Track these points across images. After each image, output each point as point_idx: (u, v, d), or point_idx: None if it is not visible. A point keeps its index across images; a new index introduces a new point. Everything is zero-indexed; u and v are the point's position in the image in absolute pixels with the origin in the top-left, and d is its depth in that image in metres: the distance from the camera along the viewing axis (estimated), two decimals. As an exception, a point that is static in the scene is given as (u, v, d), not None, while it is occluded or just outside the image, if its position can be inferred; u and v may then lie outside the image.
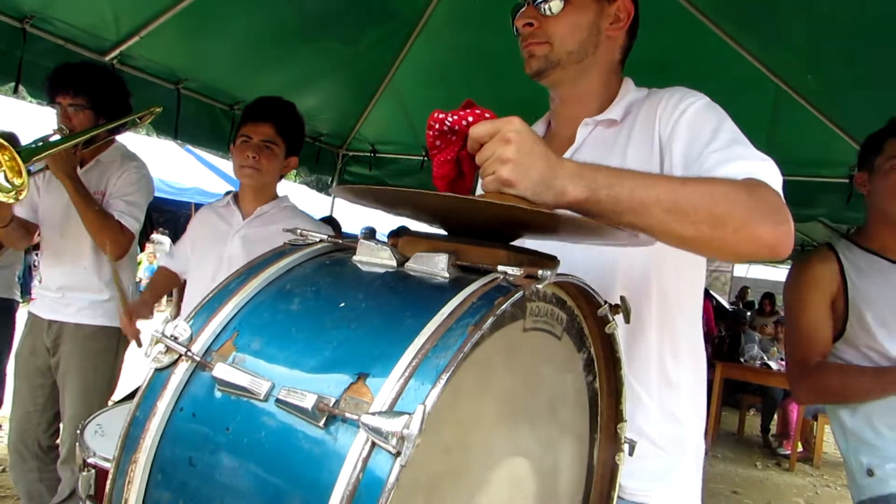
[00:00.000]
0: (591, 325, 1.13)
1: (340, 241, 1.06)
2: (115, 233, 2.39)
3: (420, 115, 5.37)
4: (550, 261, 1.07)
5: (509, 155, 0.99)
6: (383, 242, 1.00)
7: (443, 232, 1.08)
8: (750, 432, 8.65)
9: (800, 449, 7.45)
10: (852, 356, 2.04)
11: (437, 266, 0.93)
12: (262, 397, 0.81)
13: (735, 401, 8.99)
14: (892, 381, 1.90)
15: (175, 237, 11.90)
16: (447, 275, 0.92)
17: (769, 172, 1.15)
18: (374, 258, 0.99)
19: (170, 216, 12.73)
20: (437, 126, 1.13)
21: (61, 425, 2.60)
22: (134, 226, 2.48)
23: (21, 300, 3.96)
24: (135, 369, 2.65)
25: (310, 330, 0.88)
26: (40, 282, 2.55)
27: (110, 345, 2.58)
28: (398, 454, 0.70)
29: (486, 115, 1.08)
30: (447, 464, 0.85)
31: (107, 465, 1.60)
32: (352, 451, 0.73)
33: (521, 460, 1.01)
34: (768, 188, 1.13)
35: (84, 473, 1.61)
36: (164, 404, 0.86)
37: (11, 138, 1.97)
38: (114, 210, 2.45)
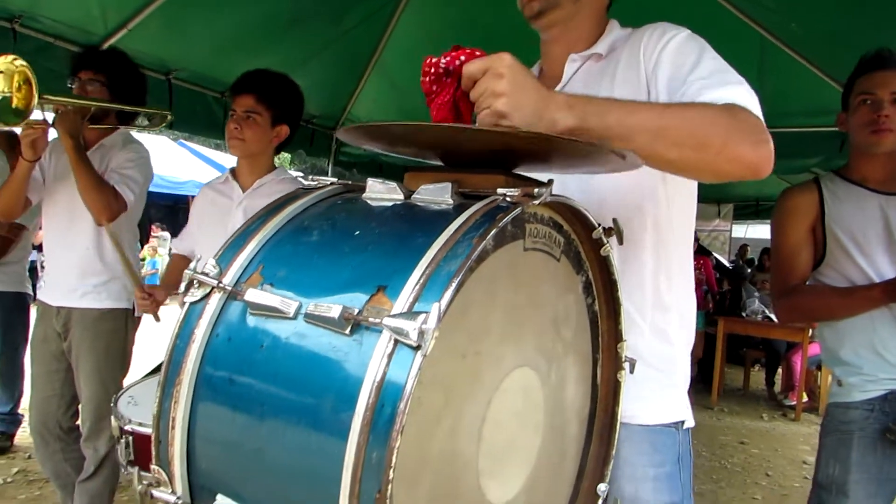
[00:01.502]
0: (587, 250, 1.21)
1: (350, 183, 1.14)
2: (107, 196, 2.40)
3: (409, 92, 5.41)
4: (546, 185, 1.15)
5: (502, 88, 1.06)
6: (390, 180, 1.08)
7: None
8: (755, 387, 8.78)
9: (805, 399, 7.57)
10: (833, 279, 2.17)
11: (441, 194, 1.01)
12: (291, 315, 0.89)
13: (739, 357, 9.10)
14: (860, 298, 2.04)
15: (174, 232, 11.97)
16: (451, 201, 1.00)
17: (748, 97, 1.23)
18: (383, 194, 1.06)
19: (168, 211, 12.81)
20: (431, 70, 1.20)
21: (80, 407, 2.69)
22: (128, 195, 2.49)
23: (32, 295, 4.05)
24: (146, 349, 2.74)
25: (329, 256, 0.96)
26: (44, 269, 2.61)
27: (118, 325, 2.65)
28: (419, 347, 0.78)
29: (477, 53, 1.15)
30: (462, 368, 0.94)
31: (143, 430, 1.67)
32: (377, 350, 0.81)
33: (529, 371, 1.09)
34: (748, 111, 1.20)
35: (122, 441, 1.69)
36: (201, 331, 0.94)
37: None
38: (109, 180, 2.50)
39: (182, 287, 0.99)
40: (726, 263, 10.75)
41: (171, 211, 12.77)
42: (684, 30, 1.41)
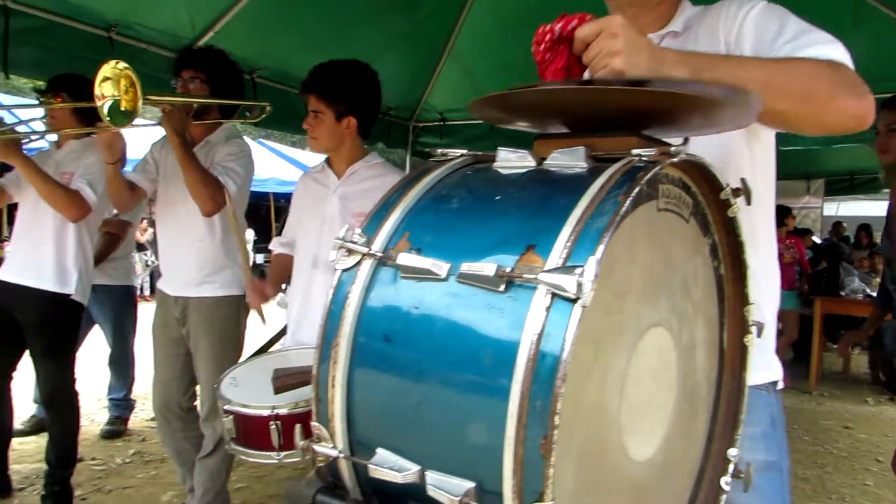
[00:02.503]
0: (713, 212, 1.22)
1: (478, 154, 1.18)
2: (212, 188, 2.52)
3: (485, 79, 5.44)
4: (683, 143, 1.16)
5: (618, 47, 1.09)
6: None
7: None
8: (857, 370, 8.41)
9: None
10: None
11: (575, 159, 1.04)
12: (443, 276, 0.93)
13: (838, 339, 8.71)
14: None
15: (257, 229, 12.36)
16: (585, 165, 1.03)
17: (842, 52, 1.26)
18: (514, 162, 1.10)
19: (250, 209, 13.15)
20: (546, 38, 1.23)
21: (198, 388, 2.83)
22: (231, 187, 2.60)
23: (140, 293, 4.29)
24: (256, 333, 2.86)
25: (473, 221, 1.00)
26: (158, 261, 2.76)
27: (232, 312, 2.78)
28: (577, 299, 0.81)
29: (588, 17, 1.17)
30: (608, 324, 0.96)
31: (244, 410, 1.74)
32: (534, 304, 0.85)
33: (663, 331, 1.11)
34: (846, 66, 1.24)
35: (225, 420, 1.78)
36: (355, 295, 1.00)
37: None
38: (214, 172, 2.61)
39: (332, 255, 1.04)
40: (819, 241, 10.33)
41: (252, 209, 13.14)
42: (760, 0, 1.40)
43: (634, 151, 1.00)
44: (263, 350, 2.16)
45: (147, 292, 11.23)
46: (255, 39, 4.49)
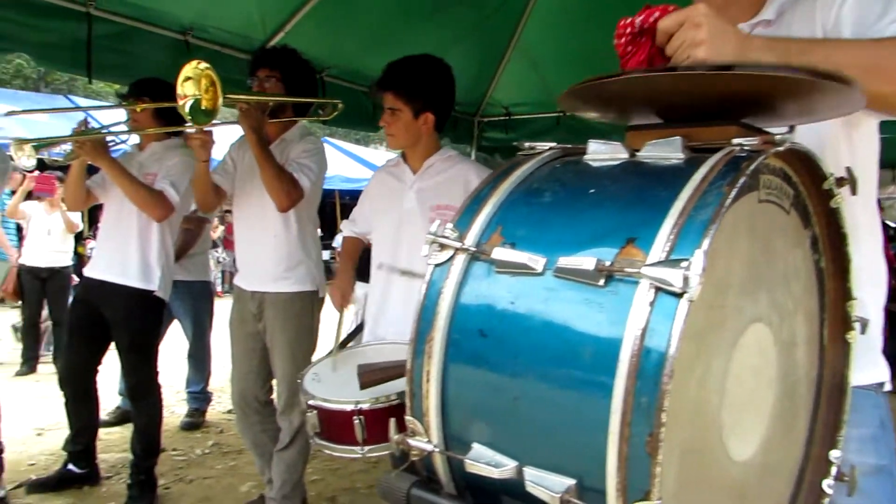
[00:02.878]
0: (814, 203, 1.17)
1: (569, 147, 1.16)
2: (287, 185, 2.57)
3: (552, 72, 5.38)
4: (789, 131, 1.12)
5: (702, 37, 1.06)
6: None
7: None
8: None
9: None
10: None
11: (670, 150, 1.01)
12: (539, 270, 0.92)
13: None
14: None
15: (323, 226, 12.54)
16: (682, 155, 1.00)
17: None
18: (606, 154, 1.08)
19: (315, 205, 13.35)
20: (627, 31, 1.20)
21: (274, 382, 2.89)
22: (305, 183, 2.65)
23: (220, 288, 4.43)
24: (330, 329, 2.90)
25: (568, 214, 0.99)
26: (228, 258, 2.83)
27: (306, 307, 2.82)
28: (683, 293, 0.79)
29: (670, 8, 1.14)
30: (709, 319, 0.94)
31: (327, 405, 1.75)
32: (637, 298, 0.83)
33: (763, 327, 1.07)
34: None
35: (309, 415, 1.80)
36: (449, 290, 1.00)
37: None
38: (289, 168, 2.65)
39: (424, 250, 1.04)
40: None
41: (319, 204, 13.30)
42: None
43: (735, 141, 0.97)
44: (343, 346, 2.19)
45: (218, 289, 11.56)
46: (323, 39, 4.55)
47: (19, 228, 6.64)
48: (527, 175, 1.10)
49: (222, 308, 3.56)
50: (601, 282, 0.87)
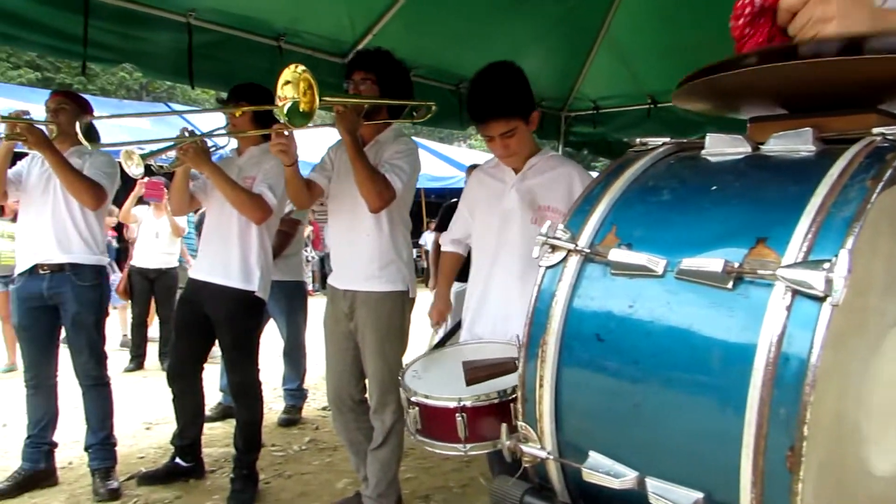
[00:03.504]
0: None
1: (684, 141, 1.11)
2: (380, 186, 2.58)
3: (641, 64, 5.23)
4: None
5: (831, 12, 0.97)
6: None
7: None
8: None
9: None
10: None
11: (800, 141, 0.94)
12: (659, 273, 0.88)
13: None
14: None
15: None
16: (813, 148, 0.93)
17: None
18: (726, 148, 1.02)
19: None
20: (745, 11, 1.13)
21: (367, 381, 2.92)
22: (397, 184, 2.65)
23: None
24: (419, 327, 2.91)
25: (689, 212, 0.94)
26: (321, 256, 2.86)
27: (397, 307, 2.83)
28: (825, 297, 0.73)
29: None
30: (849, 323, 0.87)
31: (429, 402, 1.73)
32: (771, 303, 0.78)
33: (905, 331, 0.99)
34: None
35: (411, 411, 1.79)
36: (562, 293, 0.97)
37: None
38: (382, 170, 2.66)
39: (535, 252, 1.02)
40: None
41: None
42: None
43: (876, 130, 0.89)
44: (441, 344, 2.18)
45: (309, 287, 11.86)
46: (410, 39, 4.58)
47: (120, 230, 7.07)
48: (641, 172, 1.05)
49: (314, 306, 3.64)
50: (729, 284, 0.82)
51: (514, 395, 1.51)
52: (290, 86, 2.24)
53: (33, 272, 3.04)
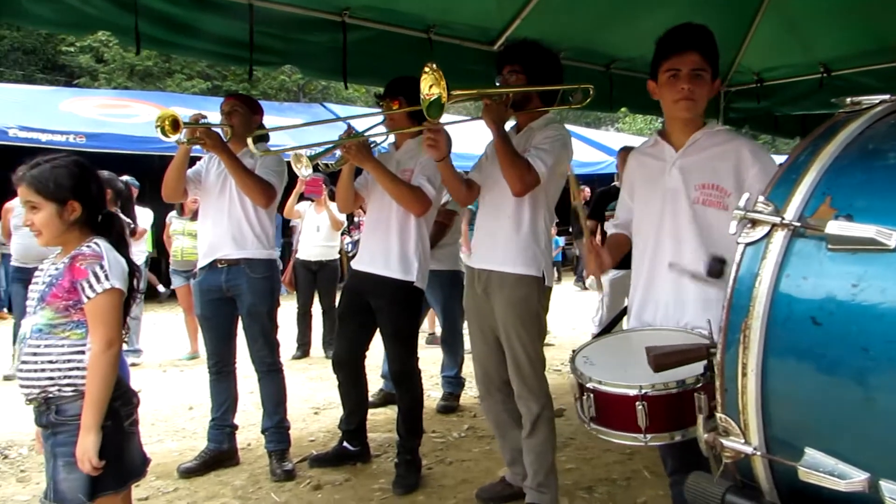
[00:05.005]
0: None
1: (904, 98, 0.97)
2: (521, 170, 2.57)
3: (812, 29, 4.80)
4: None
5: None
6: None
7: None
8: None
9: None
10: None
11: None
12: (892, 246, 0.77)
13: None
14: None
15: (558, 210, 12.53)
16: None
17: None
18: (964, 101, 0.88)
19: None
20: None
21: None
22: (540, 168, 2.60)
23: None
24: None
25: (923, 177, 0.82)
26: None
27: (532, 292, 2.77)
28: None
29: None
30: None
31: (608, 389, 1.65)
32: None
33: None
34: None
35: (584, 399, 1.72)
36: (767, 272, 0.87)
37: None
38: (526, 154, 2.64)
39: (732, 228, 0.93)
40: None
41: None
42: None
43: None
44: (606, 330, 2.10)
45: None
46: (557, 21, 4.47)
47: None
48: (856, 135, 0.93)
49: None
50: None
51: (699, 385, 1.41)
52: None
53: (213, 267, 3.26)
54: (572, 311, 7.91)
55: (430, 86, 2.34)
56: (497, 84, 2.82)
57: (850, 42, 4.77)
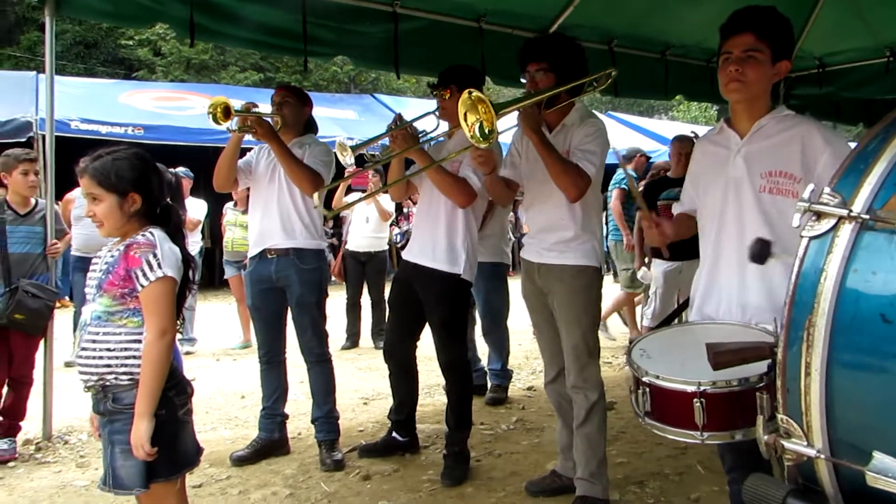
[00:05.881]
0: None
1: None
2: (574, 177, 2.56)
3: (877, 11, 4.60)
4: None
5: None
6: None
7: None
8: None
9: None
10: None
11: None
12: (970, 241, 0.72)
13: None
14: None
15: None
16: None
17: None
18: None
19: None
20: None
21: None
22: (590, 170, 2.60)
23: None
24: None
25: None
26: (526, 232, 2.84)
27: (591, 282, 2.76)
28: None
29: None
30: None
31: (665, 384, 1.60)
32: None
33: None
34: None
35: (639, 393, 1.67)
36: (833, 267, 0.83)
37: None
38: (573, 158, 2.61)
39: (795, 221, 0.89)
40: None
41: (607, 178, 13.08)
42: None
43: None
44: (667, 322, 2.05)
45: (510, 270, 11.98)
46: (612, 8, 4.39)
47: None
48: (930, 121, 0.88)
49: (515, 287, 3.60)
50: None
51: (762, 384, 1.36)
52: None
53: (263, 256, 3.31)
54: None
55: (472, 116, 2.28)
56: (523, 81, 2.80)
57: (919, 26, 4.57)
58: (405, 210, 8.54)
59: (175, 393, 1.93)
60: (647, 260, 5.16)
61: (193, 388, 2.05)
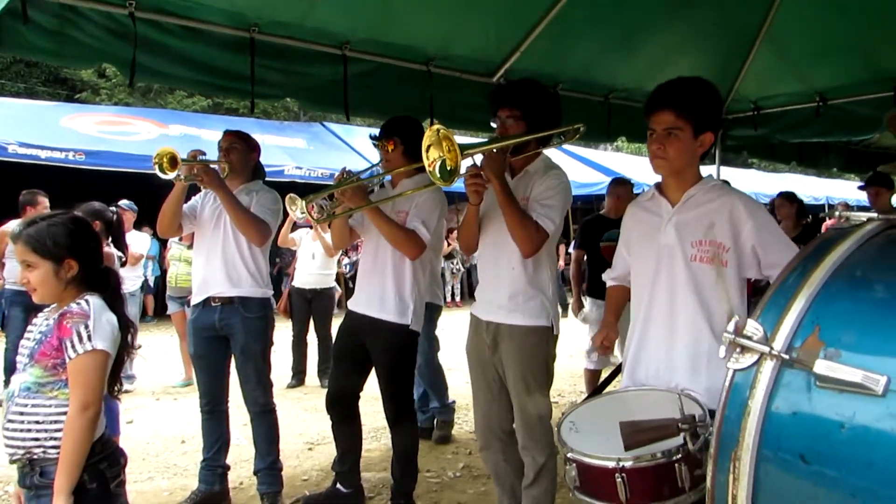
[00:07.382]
0: None
1: (892, 218, 0.96)
2: (531, 232, 2.52)
3: (807, 59, 4.81)
4: None
5: None
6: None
7: None
8: None
9: None
10: None
11: None
12: (879, 392, 0.76)
13: None
14: None
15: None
16: None
17: None
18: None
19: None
20: None
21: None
22: (549, 227, 2.59)
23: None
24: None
25: (912, 317, 0.81)
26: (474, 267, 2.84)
27: (540, 343, 2.74)
28: None
29: None
30: None
31: (587, 460, 1.65)
32: None
33: None
34: None
35: (567, 468, 1.72)
36: (757, 402, 0.87)
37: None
38: (532, 212, 2.60)
39: (721, 352, 0.92)
40: None
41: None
42: None
43: None
44: (599, 390, 2.09)
45: (458, 298, 12.02)
46: (557, 53, 4.47)
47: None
48: (845, 257, 0.92)
49: (457, 319, 3.56)
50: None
51: (678, 456, 1.41)
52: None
53: (206, 304, 3.24)
54: (568, 339, 7.76)
55: (435, 151, 2.26)
56: (493, 125, 2.79)
57: (845, 72, 4.79)
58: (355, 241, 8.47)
59: (107, 465, 1.87)
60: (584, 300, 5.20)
61: (127, 457, 1.99)
